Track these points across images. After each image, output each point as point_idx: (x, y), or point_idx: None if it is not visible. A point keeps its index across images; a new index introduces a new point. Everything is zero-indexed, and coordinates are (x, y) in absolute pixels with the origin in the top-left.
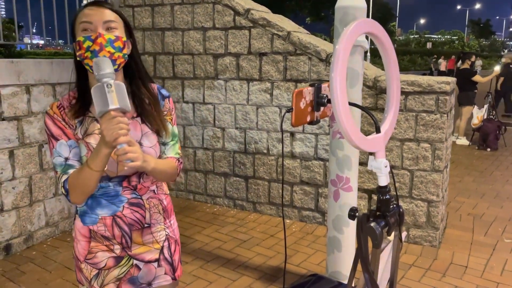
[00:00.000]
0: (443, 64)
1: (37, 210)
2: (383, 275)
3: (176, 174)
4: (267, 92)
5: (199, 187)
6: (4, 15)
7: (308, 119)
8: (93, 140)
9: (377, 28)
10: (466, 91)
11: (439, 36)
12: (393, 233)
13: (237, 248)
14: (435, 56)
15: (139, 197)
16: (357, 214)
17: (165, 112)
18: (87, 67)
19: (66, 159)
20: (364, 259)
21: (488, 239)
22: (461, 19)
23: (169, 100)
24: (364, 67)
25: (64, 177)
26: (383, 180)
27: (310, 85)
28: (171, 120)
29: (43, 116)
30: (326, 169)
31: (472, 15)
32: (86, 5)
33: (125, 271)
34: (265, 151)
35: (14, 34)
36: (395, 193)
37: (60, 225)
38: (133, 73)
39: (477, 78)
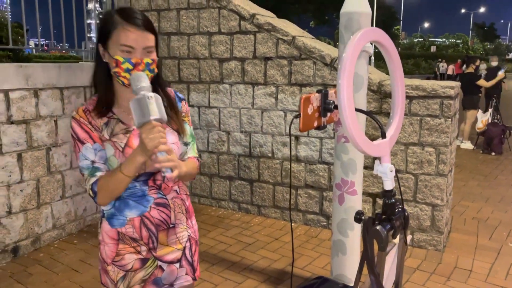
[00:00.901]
0: (450, 68)
1: (45, 212)
2: (388, 278)
3: (196, 173)
4: (272, 96)
5: (204, 190)
6: (10, 19)
7: (315, 124)
8: (120, 139)
9: (383, 37)
10: (471, 95)
11: (444, 40)
12: (398, 236)
13: (242, 251)
14: (440, 59)
15: (164, 197)
16: (363, 217)
17: (183, 114)
18: (118, 80)
19: (93, 162)
20: (370, 262)
21: (493, 243)
22: (466, 22)
23: (185, 103)
24: (369, 72)
25: (92, 180)
26: (389, 184)
27: (317, 91)
28: (188, 121)
29: (51, 119)
30: (330, 172)
31: (476, 19)
32: (127, 20)
33: (150, 272)
34: (270, 154)
35: (19, 38)
36: (400, 197)
37: (67, 227)
38: (154, 80)
39: (481, 82)
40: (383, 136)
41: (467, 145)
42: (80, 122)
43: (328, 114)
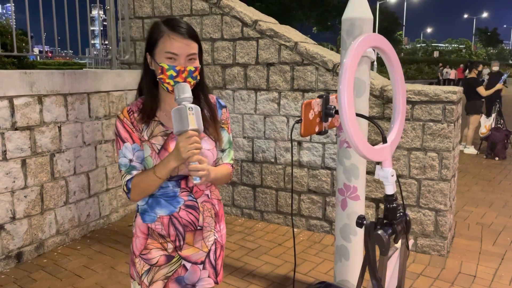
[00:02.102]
0: (452, 73)
1: (48, 218)
2: (390, 283)
3: (229, 178)
4: (274, 102)
5: None
6: (15, 26)
7: (317, 129)
8: (157, 141)
9: (384, 43)
10: (473, 100)
11: (446, 45)
12: (400, 241)
13: (245, 256)
14: (441, 64)
15: (194, 199)
16: (364, 222)
17: (223, 121)
18: (163, 87)
19: (130, 160)
20: (372, 266)
21: (497, 249)
22: (469, 27)
23: (226, 110)
24: (371, 77)
25: (128, 177)
26: (390, 189)
27: (319, 97)
28: (227, 128)
29: (54, 126)
30: (333, 178)
31: (479, 24)
32: (173, 29)
33: (173, 270)
34: (272, 160)
35: (24, 44)
36: (401, 202)
37: (71, 233)
38: (197, 87)
39: (480, 89)
40: (384, 141)
41: (471, 150)
42: (124, 122)
43: (329, 119)
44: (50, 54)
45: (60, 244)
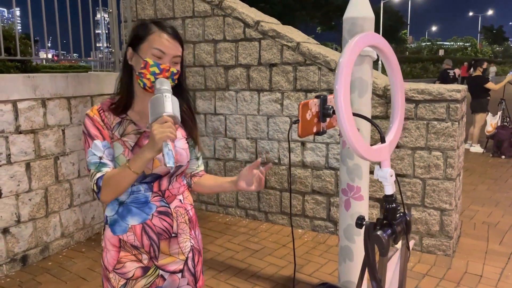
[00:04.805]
0: (456, 71)
1: (53, 221)
2: (391, 284)
3: None
4: (277, 102)
5: (211, 197)
6: (20, 31)
7: (315, 130)
8: (130, 139)
9: (380, 41)
10: (479, 98)
11: (452, 43)
12: (400, 242)
13: (249, 258)
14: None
15: (167, 205)
16: (364, 222)
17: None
18: (140, 82)
19: (100, 158)
20: (371, 267)
21: (503, 248)
22: (474, 25)
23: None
24: (374, 76)
25: (98, 175)
26: (389, 189)
27: (316, 97)
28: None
29: (58, 129)
30: (337, 178)
31: (484, 22)
32: (162, 29)
33: (151, 281)
34: (276, 160)
35: (30, 49)
36: (401, 202)
37: (75, 236)
38: (177, 92)
39: (489, 85)
40: (383, 140)
41: (477, 148)
42: (93, 119)
43: (328, 119)
44: (56, 58)
45: (65, 247)
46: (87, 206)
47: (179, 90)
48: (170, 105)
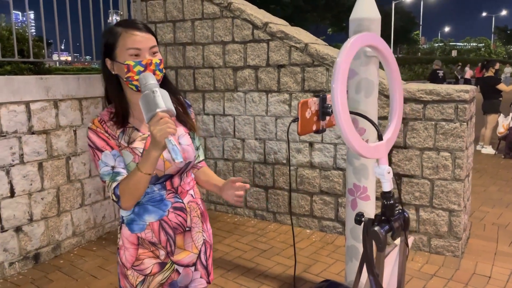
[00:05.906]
0: (468, 72)
1: (65, 220)
2: (390, 281)
3: None
4: (285, 103)
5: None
6: (34, 33)
7: (314, 128)
8: (138, 145)
9: (378, 42)
10: (491, 99)
11: (465, 44)
12: (399, 238)
13: (257, 257)
14: (459, 63)
15: (181, 200)
16: (363, 219)
17: (193, 119)
18: (131, 86)
19: (113, 167)
20: (369, 262)
21: None
22: (487, 26)
23: (192, 109)
24: (382, 77)
25: (114, 184)
26: (387, 185)
27: (315, 96)
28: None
29: (70, 129)
30: (345, 178)
31: (498, 22)
32: (128, 27)
33: (167, 276)
34: (284, 161)
35: (43, 51)
36: (399, 199)
37: (86, 234)
38: (165, 86)
39: (501, 86)
40: (380, 138)
41: (488, 150)
42: (97, 131)
43: (327, 117)
44: (69, 60)
45: (76, 245)
46: (98, 205)
47: (164, 81)
48: (161, 99)
